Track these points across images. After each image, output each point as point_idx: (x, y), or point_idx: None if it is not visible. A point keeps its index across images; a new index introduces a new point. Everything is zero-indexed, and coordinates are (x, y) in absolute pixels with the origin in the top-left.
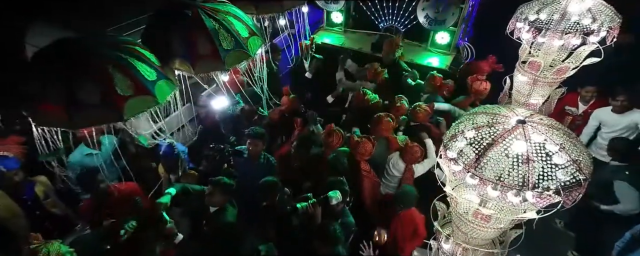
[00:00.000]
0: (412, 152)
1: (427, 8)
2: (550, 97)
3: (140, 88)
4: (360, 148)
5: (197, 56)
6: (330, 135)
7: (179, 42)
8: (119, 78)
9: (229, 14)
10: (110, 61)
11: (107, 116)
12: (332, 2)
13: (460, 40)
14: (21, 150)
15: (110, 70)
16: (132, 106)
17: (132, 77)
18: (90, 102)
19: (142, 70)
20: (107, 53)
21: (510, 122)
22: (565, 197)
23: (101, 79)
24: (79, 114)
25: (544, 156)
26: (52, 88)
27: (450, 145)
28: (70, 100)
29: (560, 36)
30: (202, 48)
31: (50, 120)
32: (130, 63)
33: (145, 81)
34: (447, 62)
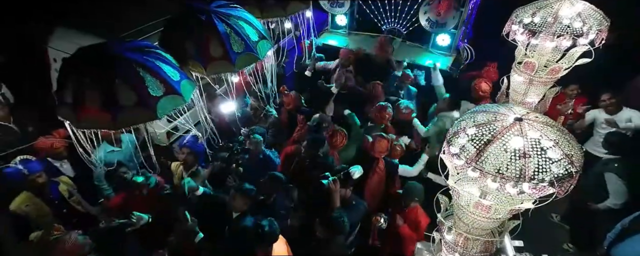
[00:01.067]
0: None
1: (429, 11)
2: (545, 96)
3: (169, 88)
4: (376, 146)
5: (210, 58)
6: (334, 135)
7: (193, 45)
8: (150, 80)
9: (240, 19)
10: (138, 64)
11: (143, 116)
12: (337, 6)
13: (460, 41)
14: (64, 143)
15: (141, 72)
16: (163, 105)
17: (160, 78)
18: (128, 104)
19: (167, 70)
20: (134, 56)
21: (508, 119)
22: (558, 188)
23: (135, 81)
24: (119, 115)
25: (540, 151)
26: (92, 93)
27: (453, 141)
28: (111, 103)
29: (552, 38)
30: (214, 51)
31: (94, 123)
32: (156, 64)
33: (172, 81)
34: (448, 63)
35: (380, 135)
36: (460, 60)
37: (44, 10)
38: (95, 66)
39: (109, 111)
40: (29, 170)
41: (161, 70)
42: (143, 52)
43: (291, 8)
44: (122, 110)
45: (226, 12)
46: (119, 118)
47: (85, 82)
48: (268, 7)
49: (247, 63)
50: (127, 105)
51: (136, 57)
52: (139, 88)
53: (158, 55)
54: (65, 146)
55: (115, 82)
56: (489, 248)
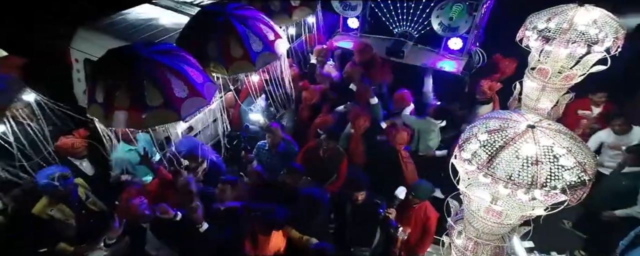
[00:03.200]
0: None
1: (441, 15)
2: (559, 102)
3: (193, 90)
4: (398, 137)
5: (231, 59)
6: (358, 117)
7: (214, 46)
8: (176, 82)
9: (256, 19)
10: (165, 66)
11: (169, 116)
12: (349, 9)
13: (472, 45)
14: (85, 143)
15: (168, 74)
16: (187, 106)
17: (185, 80)
18: (155, 104)
19: (191, 73)
20: (161, 59)
21: (520, 126)
22: (570, 196)
23: (162, 83)
24: (146, 116)
25: (552, 158)
26: (122, 93)
27: (464, 147)
28: (139, 103)
29: (566, 45)
30: (234, 51)
31: (122, 122)
32: (181, 67)
33: (196, 83)
34: (460, 66)
35: (401, 127)
36: (472, 63)
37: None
38: (126, 68)
39: (137, 111)
40: (64, 186)
41: (186, 72)
42: (169, 55)
43: (297, 14)
44: (149, 110)
45: (242, 14)
46: (146, 118)
47: (116, 83)
48: (275, 14)
49: (266, 62)
50: (153, 106)
51: (163, 59)
52: (165, 89)
53: (183, 57)
54: (84, 146)
55: (144, 84)
56: (499, 253)
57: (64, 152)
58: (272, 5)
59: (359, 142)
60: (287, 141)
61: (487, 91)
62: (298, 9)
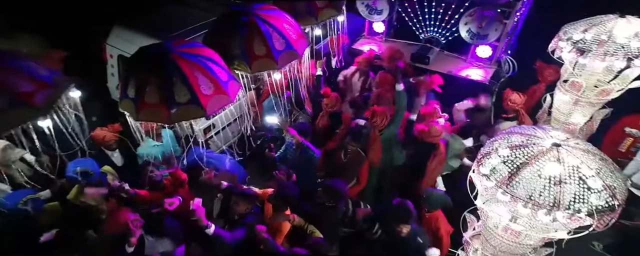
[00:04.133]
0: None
1: (470, 23)
2: (593, 118)
3: (218, 88)
4: (432, 130)
5: (254, 56)
6: (374, 115)
7: (238, 44)
8: (202, 79)
9: (280, 19)
10: (193, 64)
11: (194, 112)
12: (375, 13)
13: (503, 53)
14: (116, 137)
15: (195, 72)
16: (212, 104)
17: (211, 78)
18: (182, 101)
19: (216, 71)
20: (189, 56)
21: (545, 143)
22: (596, 221)
23: (190, 80)
24: (174, 111)
25: (578, 179)
26: (152, 89)
27: (484, 162)
28: (168, 99)
29: (603, 58)
30: (258, 49)
31: (151, 117)
32: (208, 65)
33: (221, 81)
34: (487, 75)
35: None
36: (501, 73)
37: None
38: (156, 65)
39: (165, 106)
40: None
41: (212, 70)
42: (196, 52)
43: (322, 15)
44: (177, 106)
45: (266, 13)
46: (173, 113)
47: (147, 79)
48: (300, 15)
49: (288, 60)
50: (181, 102)
51: (191, 57)
52: (192, 86)
53: (209, 55)
54: (116, 139)
55: (173, 80)
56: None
57: (97, 142)
58: (297, 7)
59: (377, 141)
60: (305, 147)
61: (509, 103)
62: (323, 9)
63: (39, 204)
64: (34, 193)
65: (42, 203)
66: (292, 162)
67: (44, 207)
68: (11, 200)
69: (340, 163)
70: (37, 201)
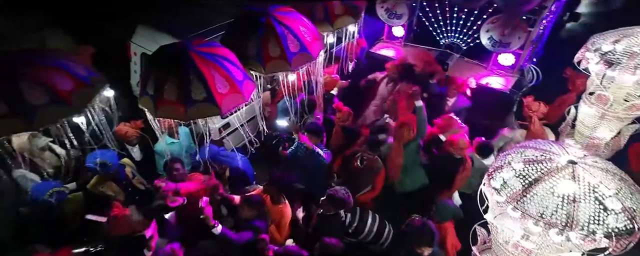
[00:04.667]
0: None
1: (492, 30)
2: (621, 133)
3: (234, 87)
4: (460, 143)
5: (268, 58)
6: (402, 126)
7: (254, 45)
8: (218, 78)
9: (296, 21)
10: (210, 63)
11: (210, 110)
12: (395, 17)
13: (526, 62)
14: (137, 133)
15: (212, 71)
16: (227, 102)
17: (227, 77)
18: (198, 98)
19: (232, 70)
20: (206, 55)
21: (560, 160)
22: (613, 244)
23: (206, 79)
24: (190, 109)
25: (594, 200)
26: (171, 87)
27: (495, 175)
28: (185, 96)
29: (633, 71)
30: (272, 50)
31: (169, 114)
32: (224, 64)
33: (236, 80)
34: (508, 84)
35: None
36: (523, 82)
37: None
38: (175, 63)
39: (182, 104)
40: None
41: (228, 69)
42: (214, 52)
43: (338, 23)
44: (193, 103)
45: (283, 15)
46: (189, 111)
47: (166, 77)
48: (316, 20)
49: (302, 62)
50: (197, 100)
51: (208, 56)
52: (209, 85)
53: (226, 55)
54: (137, 135)
55: (190, 78)
56: None
57: (119, 137)
58: (315, 12)
59: (399, 154)
60: (315, 153)
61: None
62: (340, 17)
63: (63, 196)
64: (60, 186)
65: (66, 196)
66: (302, 160)
67: (68, 197)
68: (38, 191)
69: (356, 169)
70: (61, 193)
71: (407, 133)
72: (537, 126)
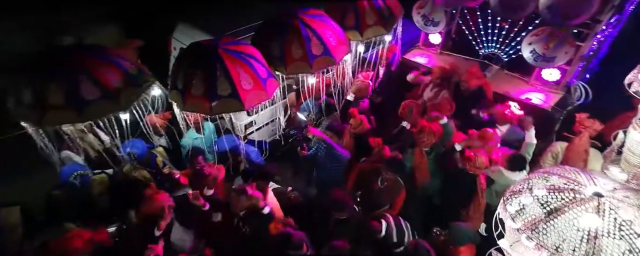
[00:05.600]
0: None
1: (535, 43)
2: None
3: (258, 84)
4: (478, 162)
5: (291, 59)
6: (422, 131)
7: (278, 46)
8: (243, 75)
9: (323, 24)
10: (236, 60)
11: (234, 106)
12: (431, 25)
13: (574, 79)
14: (165, 124)
15: (238, 68)
16: (250, 98)
17: (251, 74)
18: (224, 94)
19: (258, 68)
20: (233, 53)
21: (585, 191)
22: None
23: (232, 75)
24: (215, 104)
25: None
26: (198, 82)
27: (511, 199)
28: (211, 92)
29: None
30: (295, 52)
31: (195, 108)
32: (250, 62)
33: (260, 78)
34: (551, 101)
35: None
36: (569, 100)
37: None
38: (203, 59)
39: (207, 99)
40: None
41: (253, 67)
42: (240, 50)
43: (368, 33)
44: (218, 99)
45: (310, 18)
46: (214, 106)
47: (194, 72)
48: (346, 28)
49: (324, 65)
50: (222, 95)
51: (235, 53)
52: (234, 81)
53: (252, 53)
54: (164, 127)
55: (217, 74)
56: None
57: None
58: (345, 19)
59: (424, 157)
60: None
61: (577, 123)
62: (371, 27)
63: (87, 179)
64: (85, 169)
65: (89, 179)
66: (321, 161)
67: (94, 178)
68: (65, 173)
69: (376, 189)
70: (85, 177)
71: (427, 138)
72: (584, 141)
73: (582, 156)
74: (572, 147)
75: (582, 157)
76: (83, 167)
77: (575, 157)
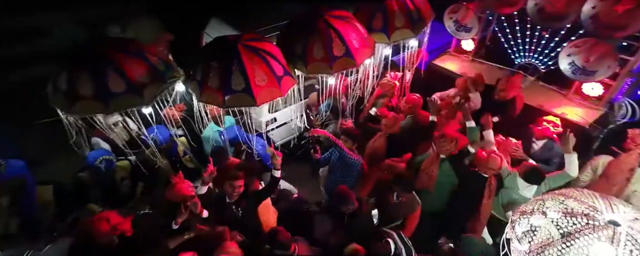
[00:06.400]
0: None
1: (575, 54)
2: None
3: (272, 81)
4: (490, 163)
5: (311, 59)
6: (443, 137)
7: (301, 44)
8: (259, 72)
9: (348, 26)
10: (254, 56)
11: (246, 101)
12: (463, 30)
13: (620, 95)
14: (181, 116)
15: (254, 64)
16: (263, 95)
17: (266, 71)
18: (237, 89)
19: (274, 65)
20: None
21: (601, 218)
22: None
23: (247, 71)
24: (228, 97)
25: None
26: (214, 75)
27: (520, 219)
28: (225, 85)
29: None
30: (316, 52)
31: (209, 100)
32: (267, 59)
33: (275, 75)
34: (590, 117)
35: (493, 151)
36: (611, 118)
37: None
38: (221, 53)
39: (221, 92)
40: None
41: (269, 64)
42: (259, 46)
43: (396, 36)
44: (232, 93)
45: (335, 18)
46: (227, 99)
47: (212, 66)
48: (373, 30)
49: (344, 67)
50: (236, 90)
51: (253, 50)
52: (248, 77)
53: (270, 50)
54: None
55: (232, 69)
56: None
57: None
58: (373, 21)
59: (435, 164)
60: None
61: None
62: (399, 30)
63: (111, 164)
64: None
65: (113, 164)
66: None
67: (117, 164)
68: (91, 158)
69: (391, 202)
70: (109, 162)
71: (448, 145)
72: (632, 159)
73: (626, 174)
74: (617, 163)
75: (625, 175)
76: (108, 152)
77: (617, 174)
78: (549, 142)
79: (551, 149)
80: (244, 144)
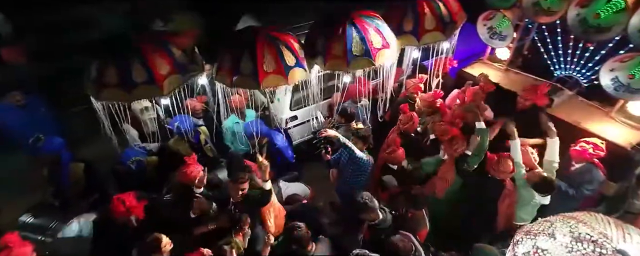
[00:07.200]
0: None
1: (619, 70)
2: None
3: (280, 69)
4: (503, 166)
5: (330, 56)
6: (454, 139)
7: (322, 42)
8: (268, 58)
9: (371, 26)
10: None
11: (250, 84)
12: (497, 38)
13: None
14: (202, 106)
15: (265, 51)
16: (268, 81)
17: (276, 59)
18: (245, 72)
19: (286, 55)
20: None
21: (609, 246)
22: None
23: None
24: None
25: None
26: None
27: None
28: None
29: None
30: (336, 49)
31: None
32: (280, 48)
33: (284, 64)
34: (633, 139)
35: (506, 154)
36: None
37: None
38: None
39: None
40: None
41: (281, 53)
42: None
43: (426, 39)
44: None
45: (361, 18)
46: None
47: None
48: (402, 33)
49: (361, 66)
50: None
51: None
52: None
53: (286, 40)
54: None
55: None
56: None
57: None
58: (403, 23)
59: (451, 170)
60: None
61: None
62: (430, 33)
63: (142, 165)
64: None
65: (143, 164)
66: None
67: (147, 160)
68: (125, 156)
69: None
70: (140, 162)
71: (461, 146)
72: None
73: None
74: None
75: None
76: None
77: None
78: (587, 164)
79: (586, 173)
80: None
